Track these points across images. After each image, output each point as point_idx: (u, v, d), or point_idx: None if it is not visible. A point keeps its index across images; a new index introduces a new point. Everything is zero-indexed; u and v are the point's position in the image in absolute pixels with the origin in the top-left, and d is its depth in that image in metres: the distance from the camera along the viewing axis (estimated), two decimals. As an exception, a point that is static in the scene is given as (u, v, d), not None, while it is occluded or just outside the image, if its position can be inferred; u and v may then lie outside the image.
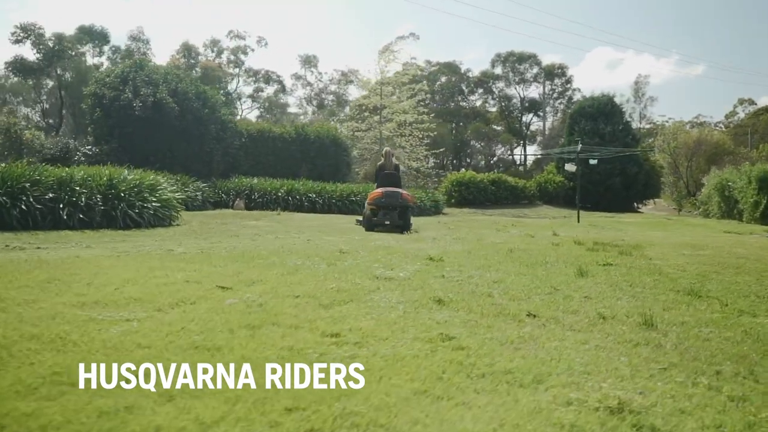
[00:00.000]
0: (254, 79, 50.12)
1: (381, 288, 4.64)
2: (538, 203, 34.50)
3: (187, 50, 33.45)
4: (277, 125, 23.93)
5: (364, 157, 24.40)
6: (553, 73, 59.91)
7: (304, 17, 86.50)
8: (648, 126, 65.67)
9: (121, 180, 10.01)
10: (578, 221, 18.19)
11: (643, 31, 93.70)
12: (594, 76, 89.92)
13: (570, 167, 19.21)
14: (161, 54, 62.77)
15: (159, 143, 17.57)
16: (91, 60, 32.96)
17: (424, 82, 30.21)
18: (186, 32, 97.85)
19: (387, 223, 11.13)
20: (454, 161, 56.96)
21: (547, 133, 59.32)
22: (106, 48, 32.31)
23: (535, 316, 3.93)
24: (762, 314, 4.25)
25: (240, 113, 46.91)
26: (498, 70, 59.97)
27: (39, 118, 30.82)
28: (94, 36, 34.90)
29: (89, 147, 17.28)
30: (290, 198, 17.34)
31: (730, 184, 21.83)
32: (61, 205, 9.05)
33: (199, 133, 18.44)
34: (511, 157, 60.88)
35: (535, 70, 60.04)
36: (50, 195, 9.09)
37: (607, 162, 34.20)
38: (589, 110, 35.65)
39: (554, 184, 34.91)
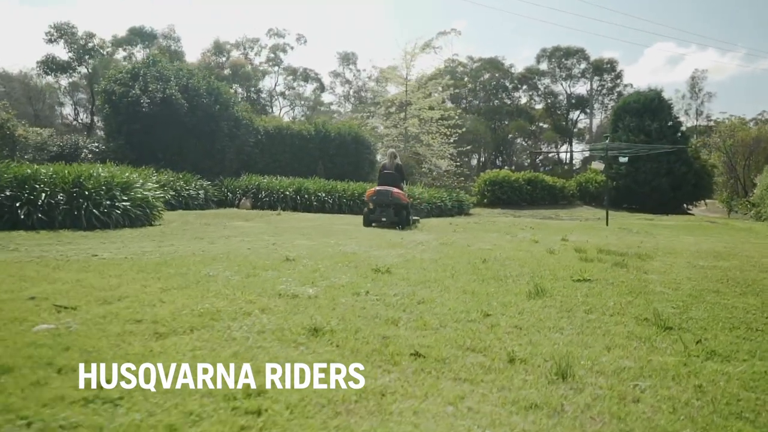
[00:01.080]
0: (293, 77, 49.90)
1: (258, 311, 3.79)
2: (579, 204, 32.89)
3: (218, 48, 33.35)
4: (296, 122, 23.37)
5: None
6: (601, 68, 57.57)
7: (344, 14, 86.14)
8: (705, 123, 62.42)
9: (88, 177, 9.46)
10: (607, 224, 16.82)
11: (707, 25, 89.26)
12: (654, 72, 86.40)
13: (597, 165, 17.84)
14: (194, 52, 63.17)
15: (167, 140, 17.15)
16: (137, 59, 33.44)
17: (447, 77, 28.84)
18: (225, 31, 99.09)
19: (383, 219, 11.77)
20: (496, 160, 55.38)
21: (594, 130, 56.95)
22: (136, 49, 32.48)
23: (421, 356, 3.00)
24: (739, 358, 3.19)
25: (279, 111, 46.75)
26: (544, 66, 58.09)
27: (72, 117, 31.37)
28: (144, 37, 35.36)
29: (95, 144, 17.02)
30: (298, 197, 16.63)
31: (783, 183, 19.95)
32: (18, 204, 8.55)
33: (210, 130, 17.95)
34: (557, 155, 58.82)
35: (583, 65, 57.86)
36: (7, 193, 8.60)
37: (653, 160, 32.30)
38: (634, 106, 33.72)
39: (596, 184, 33.20)
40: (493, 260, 6.70)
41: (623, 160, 19.77)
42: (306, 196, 16.59)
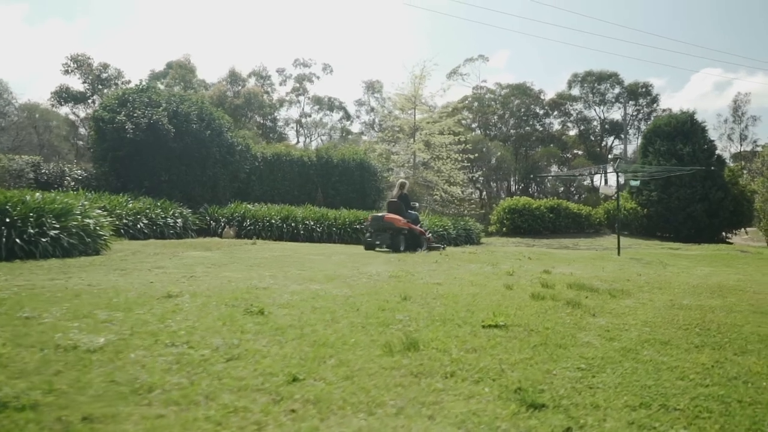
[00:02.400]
0: (319, 106, 49.76)
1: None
2: (606, 232, 31.10)
3: (234, 77, 33.31)
4: (298, 148, 22.66)
5: (391, 182, 22.50)
6: (636, 92, 55.63)
7: (373, 44, 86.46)
8: (751, 149, 59.57)
9: (15, 203, 8.73)
10: (618, 254, 15.36)
11: (756, 50, 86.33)
12: (701, 98, 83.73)
13: (607, 189, 16.44)
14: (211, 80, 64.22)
15: (154, 167, 16.56)
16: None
17: (457, 101, 27.69)
18: (253, 62, 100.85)
19: (377, 243, 12.48)
20: (528, 188, 53.74)
21: (630, 156, 54.79)
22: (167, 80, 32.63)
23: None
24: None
25: (302, 140, 46.49)
26: (576, 91, 56.53)
27: (85, 146, 31.51)
28: (181, 70, 35.76)
29: (79, 171, 16.55)
30: (285, 226, 15.72)
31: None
32: (-74, 232, 7.84)
33: (200, 157, 17.31)
34: (590, 183, 56.74)
35: (617, 90, 56.08)
36: None
37: (686, 186, 30.46)
38: (665, 129, 31.99)
39: (625, 212, 31.40)
40: (422, 297, 5.61)
41: (634, 183, 18.25)
42: (293, 224, 15.66)
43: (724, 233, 32.71)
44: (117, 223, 12.88)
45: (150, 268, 7.80)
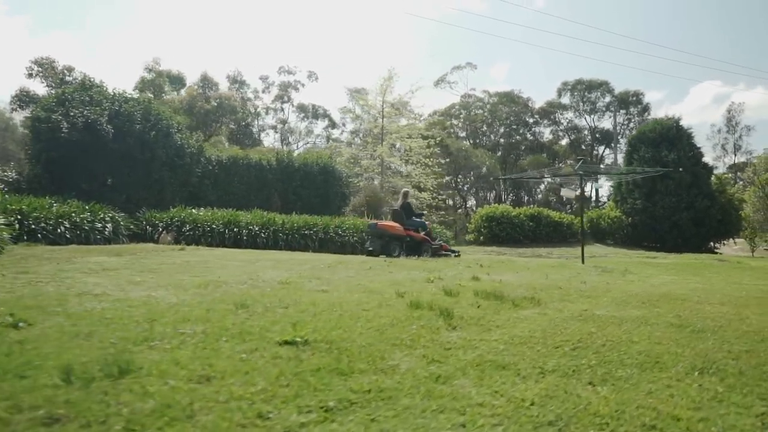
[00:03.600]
0: (303, 114, 48.95)
1: None
2: (590, 242, 30.05)
3: (206, 81, 32.40)
4: (257, 152, 21.70)
5: (358, 187, 21.47)
6: (627, 101, 54.77)
7: (358, 50, 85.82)
8: (745, 159, 58.65)
9: None
10: (582, 262, 14.35)
11: (755, 62, 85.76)
12: (701, 111, 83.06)
13: (568, 193, 15.46)
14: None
15: (94, 169, 15.58)
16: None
17: (420, 110, 26.73)
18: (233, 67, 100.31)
19: (370, 249, 13.11)
20: (517, 197, 52.76)
21: (621, 165, 53.82)
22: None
23: None
24: None
25: (287, 148, 45.58)
26: (566, 100, 55.68)
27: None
28: (173, 80, 34.78)
29: (8, 174, 15.58)
30: (227, 231, 14.71)
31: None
32: None
33: (145, 159, 16.33)
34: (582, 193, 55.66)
35: (608, 98, 55.25)
36: None
37: (672, 194, 29.46)
38: (650, 135, 31.05)
39: (608, 220, 30.40)
40: (266, 306, 4.63)
41: (597, 186, 17.21)
42: (235, 229, 14.65)
43: (712, 243, 31.63)
44: (33, 227, 11.92)
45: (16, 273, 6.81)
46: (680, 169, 24.86)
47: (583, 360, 3.22)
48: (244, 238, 14.68)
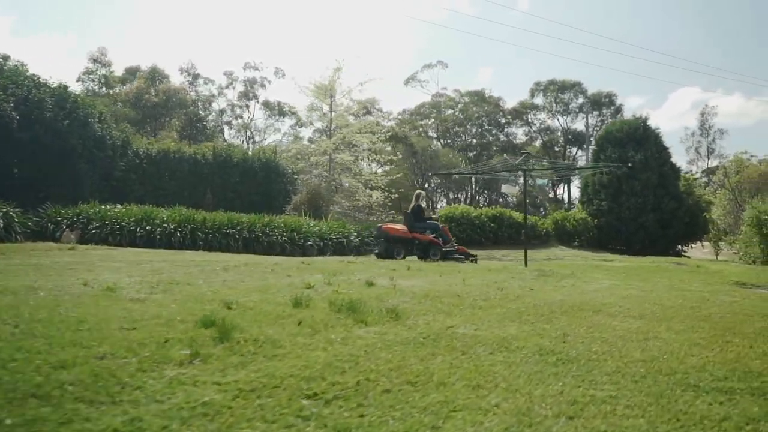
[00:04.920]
0: (269, 111, 47.56)
1: None
2: (554, 243, 29.05)
3: (155, 73, 30.77)
4: (191, 146, 20.38)
5: (305, 183, 20.13)
6: (600, 102, 54.13)
7: (325, 47, 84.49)
8: (718, 162, 58.33)
9: None
10: (525, 264, 13.28)
11: (734, 71, 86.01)
12: (680, 117, 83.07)
13: (508, 188, 14.46)
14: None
15: (-2, 161, 14.14)
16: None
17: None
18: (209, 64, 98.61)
19: (377, 251, 13.71)
20: (489, 198, 51.84)
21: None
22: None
23: None
24: None
25: (252, 145, 44.13)
26: (539, 100, 54.87)
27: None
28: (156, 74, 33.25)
29: None
30: (139, 229, 13.37)
31: (766, 217, 16.14)
32: None
33: (58, 150, 14.92)
34: (552, 194, 55.05)
35: (581, 99, 54.57)
36: None
37: (637, 195, 28.56)
38: (617, 135, 30.10)
39: (573, 222, 29.38)
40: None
41: (541, 182, 16.21)
42: (148, 228, 13.31)
43: (680, 246, 30.80)
44: None
45: None
46: (625, 166, 23.89)
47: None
48: (158, 237, 13.31)
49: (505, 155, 12.33)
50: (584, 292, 7.65)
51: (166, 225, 13.47)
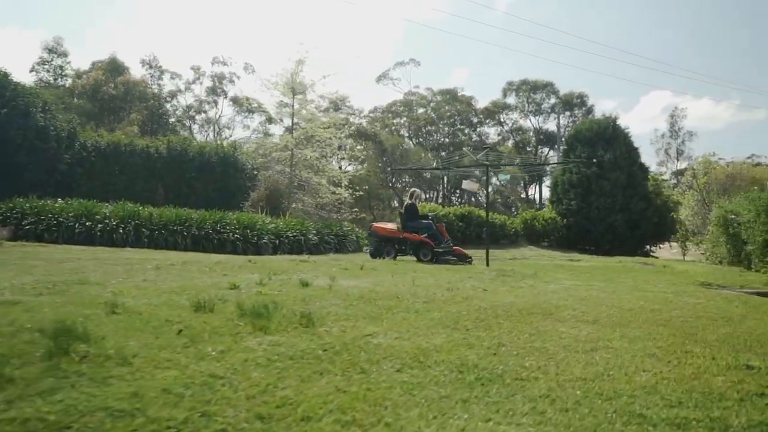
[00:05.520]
0: (238, 108, 46.50)
1: None
2: (523, 243, 28.69)
3: (114, 65, 29.55)
4: (144, 139, 19.49)
5: (265, 179, 19.32)
6: (571, 102, 54.17)
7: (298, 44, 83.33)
8: (686, 164, 58.84)
9: None
10: (487, 264, 12.76)
11: (703, 76, 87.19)
12: (651, 120, 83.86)
13: (469, 185, 13.89)
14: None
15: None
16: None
17: (339, 109, 24.88)
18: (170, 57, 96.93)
19: (369, 250, 13.73)
20: (457, 197, 51.48)
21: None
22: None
23: None
24: None
25: (219, 141, 43.06)
26: (511, 100, 54.70)
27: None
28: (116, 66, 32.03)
29: None
30: (77, 225, 12.51)
31: (734, 217, 15.86)
32: None
33: (-3, 140, 13.97)
34: (524, 195, 54.96)
35: (553, 100, 54.55)
36: None
37: (606, 195, 28.32)
38: (586, 134, 29.81)
39: (543, 222, 29.03)
40: None
41: (504, 177, 15.76)
42: (88, 223, 12.47)
43: (648, 246, 30.69)
44: None
45: None
46: (582, 162, 23.61)
47: None
48: (98, 233, 12.47)
49: (464, 148, 11.90)
50: (540, 294, 7.11)
51: (107, 221, 12.61)
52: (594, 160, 22.76)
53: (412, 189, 14.99)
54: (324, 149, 21.03)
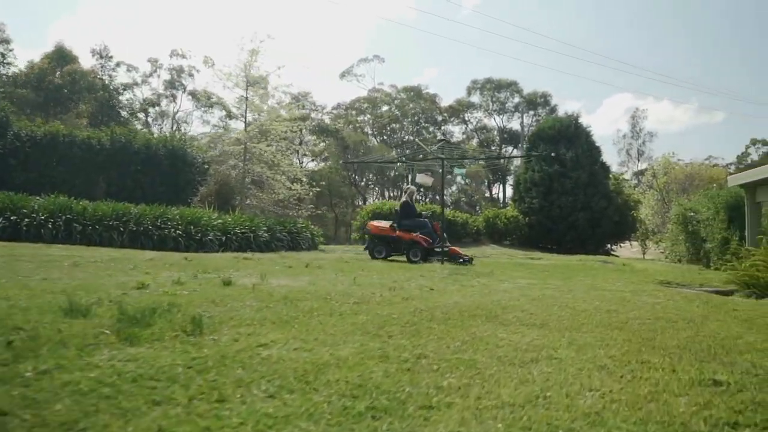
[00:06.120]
0: (197, 103, 45.22)
1: None
2: (486, 242, 28.36)
3: (61, 53, 28.15)
4: (85, 129, 18.46)
5: (216, 173, 18.49)
6: (535, 102, 54.29)
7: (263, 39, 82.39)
8: (646, 165, 59.68)
9: None
10: (442, 262, 12.19)
11: (664, 77, 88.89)
12: (614, 122, 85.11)
13: (423, 179, 13.35)
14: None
15: None
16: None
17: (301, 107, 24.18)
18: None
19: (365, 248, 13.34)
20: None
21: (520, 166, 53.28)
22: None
23: None
24: None
25: (177, 135, 41.76)
26: (475, 99, 54.55)
27: None
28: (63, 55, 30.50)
29: None
30: (1, 220, 11.55)
31: (693, 215, 15.66)
32: None
33: None
34: (489, 194, 54.92)
35: (517, 99, 54.60)
36: None
37: (568, 193, 28.16)
38: (549, 132, 29.65)
39: (504, 220, 28.73)
40: None
41: (459, 172, 15.30)
42: (13, 218, 11.52)
43: (609, 245, 30.70)
44: None
45: None
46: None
47: None
48: (24, 228, 11.53)
49: (417, 140, 11.44)
50: (491, 293, 6.56)
51: (35, 215, 11.67)
52: (553, 154, 22.34)
53: (407, 186, 14.89)
54: (279, 143, 20.24)
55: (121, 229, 12.41)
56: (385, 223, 13.06)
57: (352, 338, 3.23)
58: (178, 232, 13.02)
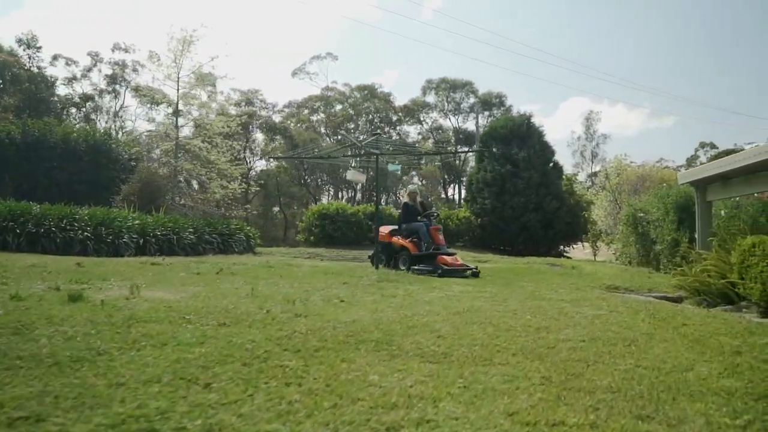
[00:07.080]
0: (140, 99, 43.20)
1: None
2: (437, 244, 27.57)
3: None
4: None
5: (143, 171, 17.13)
6: (490, 102, 53.99)
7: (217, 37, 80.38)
8: (600, 167, 60.19)
9: None
10: (376, 267, 11.29)
11: (618, 82, 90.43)
12: (570, 125, 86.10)
13: (354, 176, 12.43)
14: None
15: None
16: None
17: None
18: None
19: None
20: (377, 198, 50.12)
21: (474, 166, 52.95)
22: None
23: None
24: None
25: (118, 134, 39.81)
26: (431, 99, 53.95)
27: None
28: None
29: None
30: None
31: (642, 215, 15.11)
32: None
33: None
34: (444, 195, 54.40)
35: (472, 99, 54.23)
36: None
37: (520, 194, 27.63)
38: (501, 132, 29.10)
39: (456, 221, 28.01)
40: None
41: (393, 168, 14.43)
42: None
43: (562, 246, 30.32)
44: None
45: None
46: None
47: None
48: None
49: (349, 134, 10.63)
50: (409, 306, 5.61)
51: None
52: (485, 150, 21.71)
53: (409, 185, 13.41)
54: (214, 139, 18.99)
55: (18, 231, 11.04)
56: (386, 229, 12.28)
57: (145, 390, 2.21)
58: (86, 234, 11.71)
